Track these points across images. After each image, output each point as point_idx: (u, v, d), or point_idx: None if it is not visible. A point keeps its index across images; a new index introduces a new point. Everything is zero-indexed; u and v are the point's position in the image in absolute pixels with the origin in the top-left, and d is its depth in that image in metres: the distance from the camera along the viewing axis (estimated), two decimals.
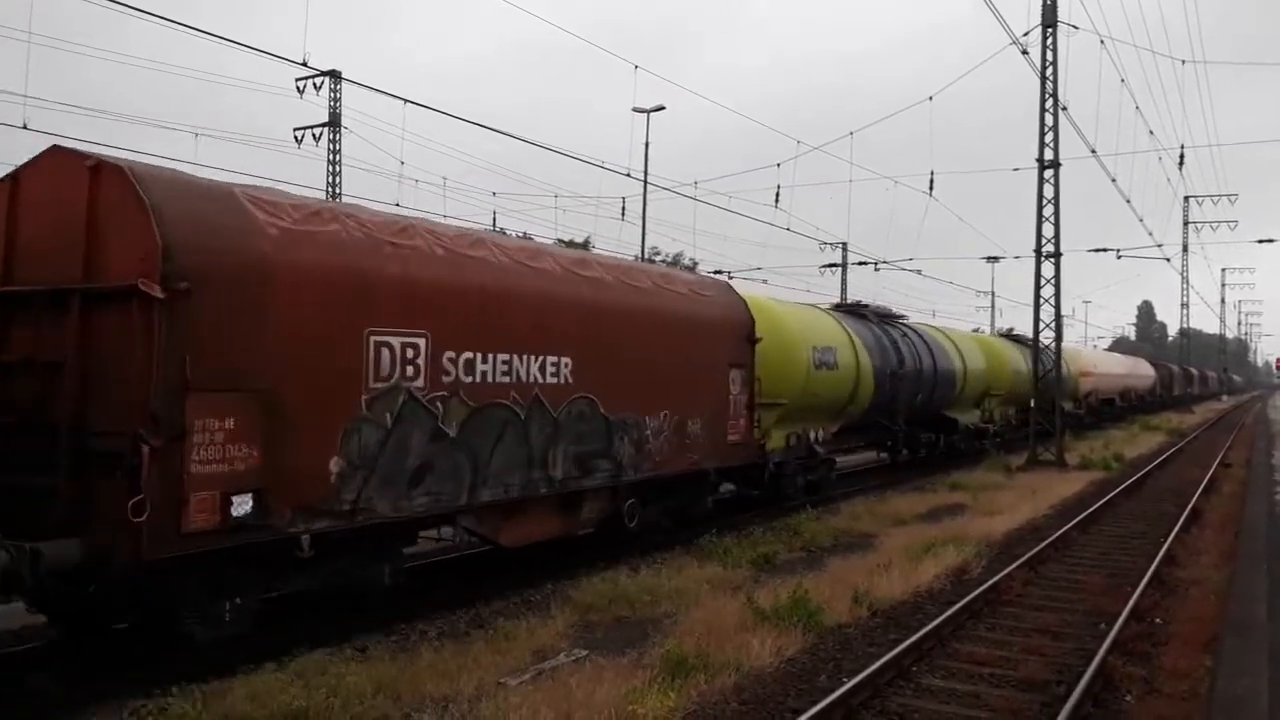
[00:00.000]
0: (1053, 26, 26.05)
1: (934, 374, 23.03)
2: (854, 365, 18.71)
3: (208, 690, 7.15)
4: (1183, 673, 8.12)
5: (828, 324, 18.99)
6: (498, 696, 7.10)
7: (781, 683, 7.75)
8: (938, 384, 23.34)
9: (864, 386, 19.17)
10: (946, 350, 24.68)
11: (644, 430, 12.22)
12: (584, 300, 11.34)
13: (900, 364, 20.94)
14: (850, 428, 20.08)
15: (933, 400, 23.44)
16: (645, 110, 34.89)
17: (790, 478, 17.06)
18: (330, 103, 33.36)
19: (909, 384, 21.60)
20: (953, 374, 24.54)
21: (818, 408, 17.65)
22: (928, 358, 22.91)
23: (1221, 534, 15.16)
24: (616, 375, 11.61)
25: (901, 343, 21.77)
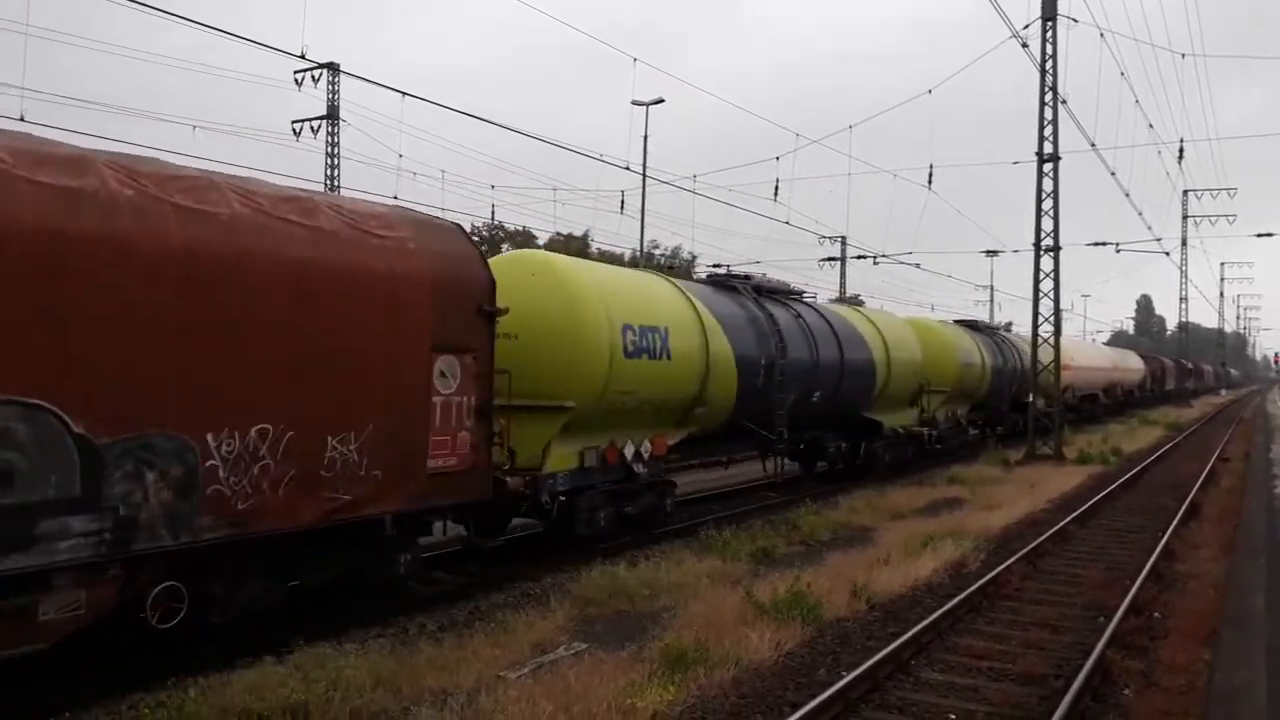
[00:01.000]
0: (1052, 20, 26.02)
1: (838, 365, 18.11)
2: (701, 352, 13.76)
3: (207, 684, 7.15)
4: (1181, 666, 8.13)
5: (658, 295, 13.77)
6: (497, 690, 7.10)
7: (780, 676, 7.76)
8: (845, 378, 18.37)
9: (720, 381, 14.23)
10: (861, 336, 19.76)
11: (197, 459, 7.29)
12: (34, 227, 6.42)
13: (783, 352, 15.90)
14: (711, 436, 15.38)
15: (839, 398, 18.55)
16: (644, 103, 34.83)
17: (588, 511, 12.20)
18: (328, 95, 33.32)
19: (799, 378, 16.59)
20: (868, 366, 19.65)
21: (636, 411, 12.76)
22: (830, 345, 17.95)
23: (1220, 528, 15.17)
24: (119, 360, 6.84)
25: (790, 326, 16.78)
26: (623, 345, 12.18)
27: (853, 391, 19.16)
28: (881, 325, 21.15)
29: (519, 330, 11.16)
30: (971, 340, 26.94)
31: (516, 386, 10.70)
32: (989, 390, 27.98)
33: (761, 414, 15.78)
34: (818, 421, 18.73)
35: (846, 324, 19.63)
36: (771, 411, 15.91)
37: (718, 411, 14.68)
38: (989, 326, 31.86)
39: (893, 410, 21.64)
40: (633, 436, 12.93)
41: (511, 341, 10.97)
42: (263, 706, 6.65)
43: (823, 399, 17.86)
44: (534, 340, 11.45)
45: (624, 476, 12.91)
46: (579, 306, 11.88)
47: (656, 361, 12.85)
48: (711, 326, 14.24)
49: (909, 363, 21.71)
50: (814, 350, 17.26)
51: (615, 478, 12.78)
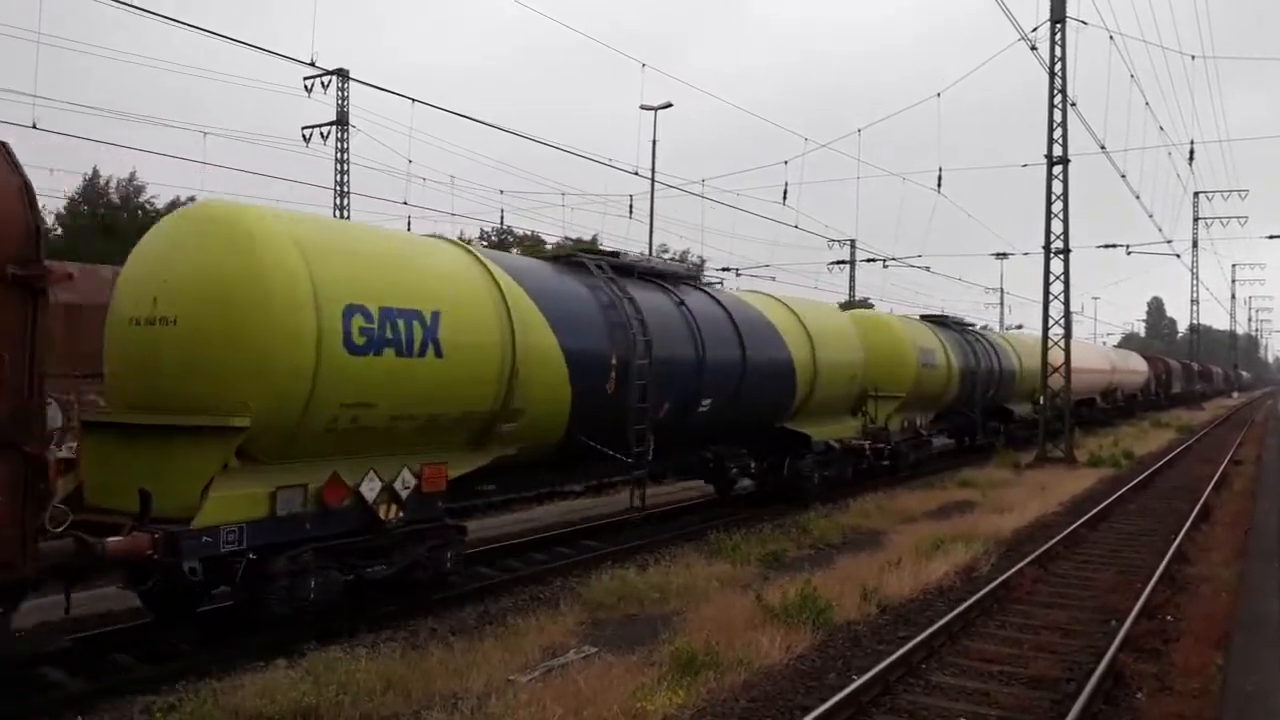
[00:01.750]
0: (1061, 22, 25.97)
1: (738, 366, 14.43)
2: (502, 347, 10.06)
3: (218, 686, 7.18)
4: (1194, 670, 8.09)
5: (429, 267, 9.85)
6: (507, 693, 7.10)
7: (791, 680, 7.74)
8: (749, 381, 14.64)
9: (540, 387, 10.57)
10: (774, 331, 15.96)
11: None
12: None
13: (647, 349, 12.16)
14: (541, 460, 11.78)
15: (742, 407, 14.71)
16: (653, 108, 34.89)
17: (290, 578, 8.34)
18: (338, 102, 33.45)
19: (675, 382, 12.95)
20: (784, 366, 15.91)
21: (386, 432, 9.09)
22: (725, 341, 14.25)
23: (1233, 531, 15.09)
24: None
25: (663, 315, 13.01)
26: (344, 334, 8.38)
27: (762, 398, 15.30)
28: (808, 318, 17.23)
29: (180, 311, 8.09)
30: (935, 338, 23.47)
31: (167, 394, 8.05)
32: (958, 395, 24.69)
33: (612, 429, 11.86)
34: (717, 435, 15.03)
35: (754, 315, 15.71)
36: (626, 426, 12.06)
37: (541, 428, 10.88)
38: (961, 323, 28.11)
39: (825, 420, 17.71)
40: (381, 466, 8.96)
41: (166, 329, 8.09)
42: (274, 710, 6.66)
43: (716, 408, 13.96)
44: (195, 325, 8.01)
45: (364, 525, 8.92)
46: (267, 275, 8.07)
47: (414, 359, 9.00)
48: (524, 313, 10.41)
49: (846, 364, 18.03)
50: (699, 347, 13.42)
51: (344, 528, 8.80)
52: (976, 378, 25.68)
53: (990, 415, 28.46)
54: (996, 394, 27.92)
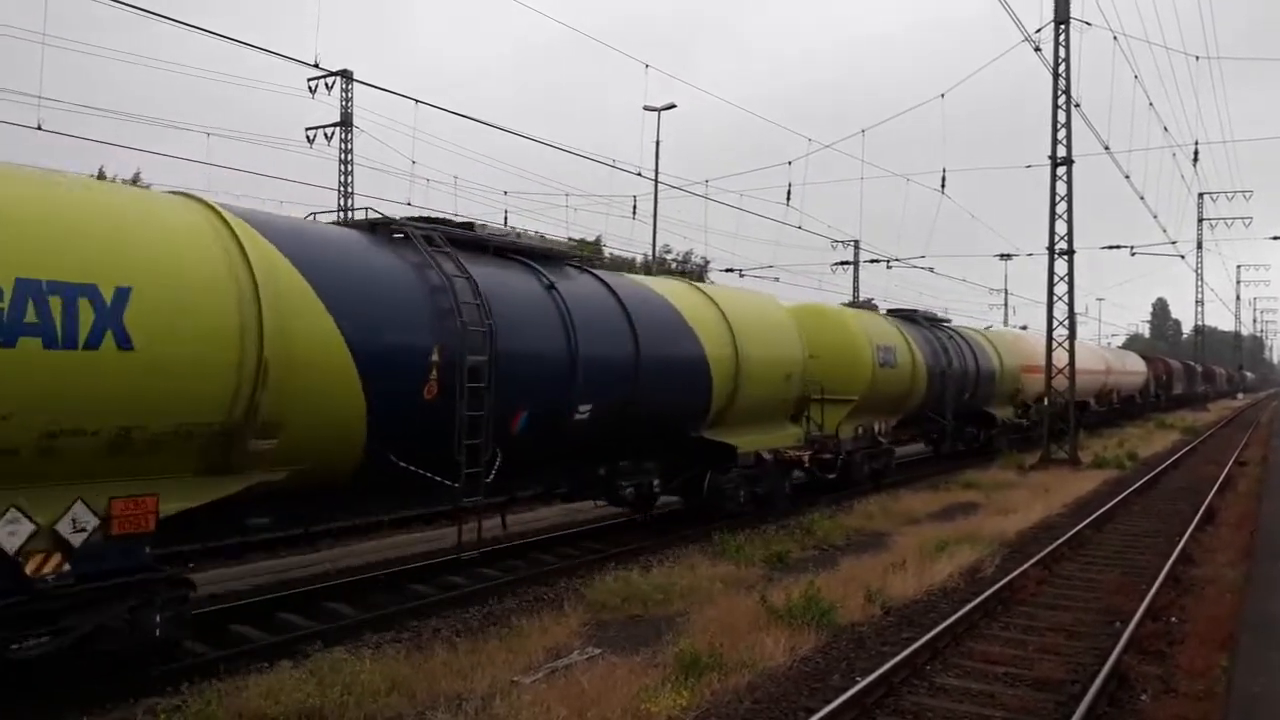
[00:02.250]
0: (1065, 23, 25.94)
1: (630, 363, 12.06)
2: (238, 334, 7.57)
3: (223, 687, 7.19)
4: (1199, 671, 8.07)
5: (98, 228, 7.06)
6: (511, 694, 7.11)
7: (795, 681, 7.74)
8: (645, 382, 12.18)
9: (313, 392, 8.11)
10: (681, 321, 13.49)
11: None
12: None
13: (488, 341, 9.77)
14: (331, 487, 9.11)
15: (641, 414, 12.32)
16: (656, 109, 34.88)
17: None
18: (342, 103, 33.51)
19: (535, 382, 10.60)
20: (694, 364, 13.41)
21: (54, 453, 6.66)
22: (613, 333, 11.94)
23: (1238, 532, 15.06)
24: None
25: (518, 300, 10.69)
26: None
27: (666, 403, 12.90)
28: (731, 307, 14.70)
29: None
30: (898, 334, 21.04)
31: None
32: (926, 398, 22.21)
33: (436, 447, 9.31)
34: (613, 448, 12.54)
35: (655, 304, 13.16)
36: (452, 440, 9.36)
37: (321, 447, 8.40)
38: (933, 318, 25.45)
39: (755, 428, 15.14)
40: (34, 501, 6.60)
41: None
42: (278, 711, 6.67)
43: (600, 416, 11.42)
44: None
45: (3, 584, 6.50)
46: None
47: (78, 352, 6.58)
48: (284, 291, 7.88)
49: (780, 361, 15.53)
50: (572, 340, 10.95)
51: None
52: (948, 379, 23.22)
53: (968, 420, 26.37)
54: (973, 397, 25.58)
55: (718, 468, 14.42)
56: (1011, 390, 28.72)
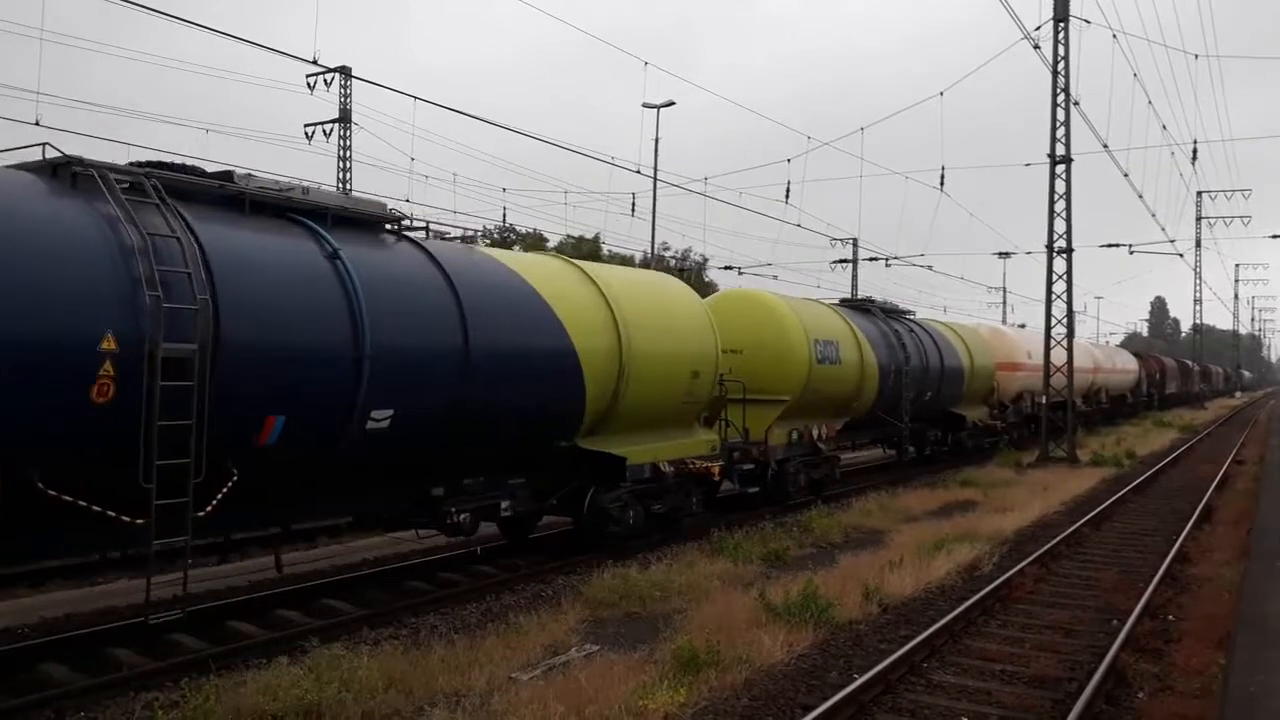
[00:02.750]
0: (1064, 21, 25.94)
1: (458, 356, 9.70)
2: None
3: (220, 684, 7.19)
4: (1196, 669, 8.09)
5: None
6: (509, 691, 7.11)
7: (792, 679, 7.74)
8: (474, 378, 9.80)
9: None
10: (525, 304, 10.90)
11: None
12: None
13: (210, 327, 7.46)
14: None
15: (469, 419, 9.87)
16: (655, 106, 34.86)
17: None
18: (341, 99, 33.48)
19: (290, 383, 8.18)
20: (552, 357, 10.99)
21: None
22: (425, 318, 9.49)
23: (1235, 531, 15.08)
24: None
25: (242, 275, 7.89)
26: None
27: (517, 407, 10.45)
28: (616, 288, 12.26)
29: None
30: (844, 327, 18.63)
31: None
32: (878, 399, 19.78)
33: (115, 470, 7.03)
34: (443, 464, 10.20)
35: (500, 282, 10.76)
36: (145, 463, 7.03)
37: None
38: (892, 310, 22.88)
39: (651, 435, 12.79)
40: None
41: None
42: (276, 707, 6.67)
43: (413, 422, 9.15)
44: None
45: None
46: None
47: None
48: None
49: (684, 355, 13.16)
50: (360, 325, 8.57)
51: None
52: (905, 377, 20.80)
53: (935, 422, 24.11)
54: (938, 397, 23.09)
55: (603, 483, 12.05)
56: (984, 390, 26.73)
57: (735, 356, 15.46)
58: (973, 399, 26.17)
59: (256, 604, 9.80)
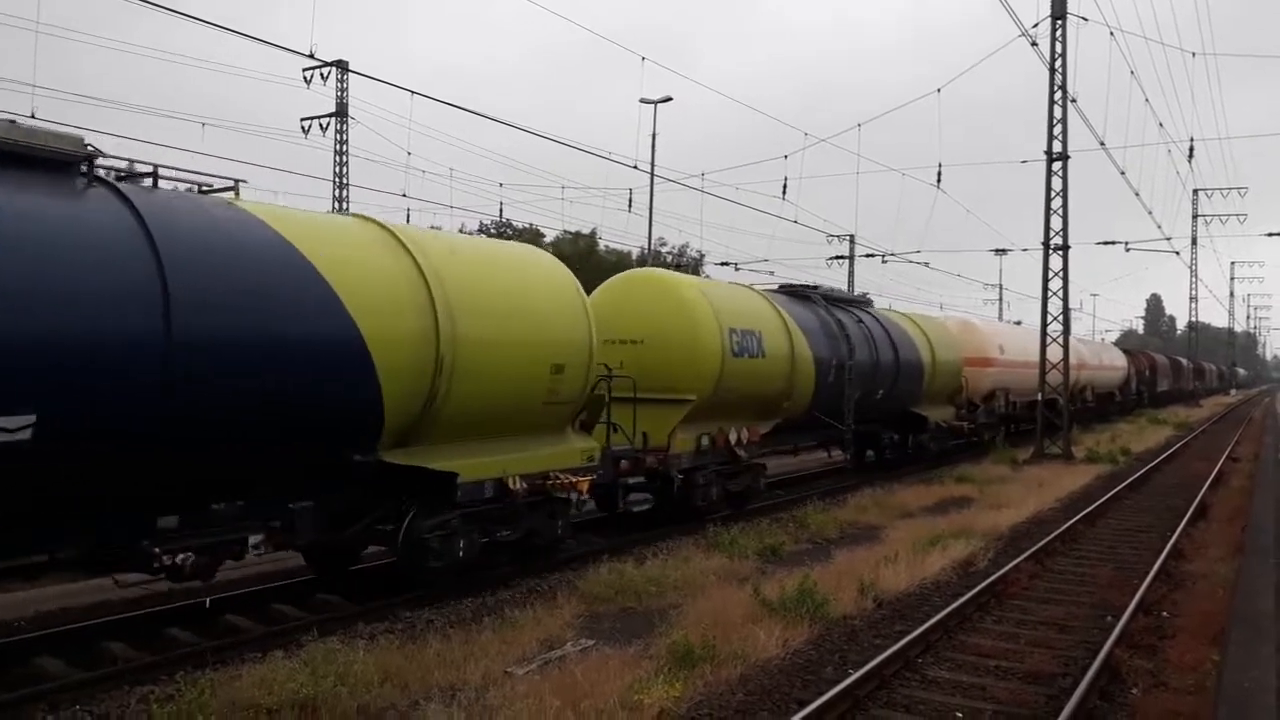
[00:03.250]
0: (1062, 18, 25.95)
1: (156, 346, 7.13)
2: None
3: (216, 677, 7.19)
4: (1189, 666, 8.11)
5: None
6: (505, 685, 7.12)
7: (787, 674, 7.75)
8: (175, 364, 7.20)
9: None
10: (289, 277, 8.28)
11: None
12: None
13: None
14: None
15: (182, 420, 7.35)
16: (653, 101, 34.83)
17: None
18: (337, 93, 33.42)
19: None
20: (334, 346, 8.53)
21: None
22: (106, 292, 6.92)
23: (1229, 528, 15.12)
24: None
25: None
26: None
27: (254, 411, 7.92)
28: (436, 260, 9.69)
29: None
30: (774, 315, 16.26)
31: None
32: (815, 398, 17.16)
33: None
34: (153, 487, 7.68)
35: (235, 240, 8.07)
36: None
37: None
38: (839, 297, 20.29)
39: (499, 444, 10.41)
40: None
41: None
42: (271, 700, 6.67)
43: (62, 434, 6.65)
44: None
45: None
46: None
47: None
48: None
49: (542, 343, 10.76)
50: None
51: None
52: (849, 373, 18.02)
53: (892, 424, 21.60)
54: (892, 395, 20.39)
55: (427, 506, 9.63)
56: (950, 388, 24.27)
57: (634, 348, 13.63)
58: (936, 398, 23.42)
59: (251, 598, 9.79)
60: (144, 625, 8.76)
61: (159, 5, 14.25)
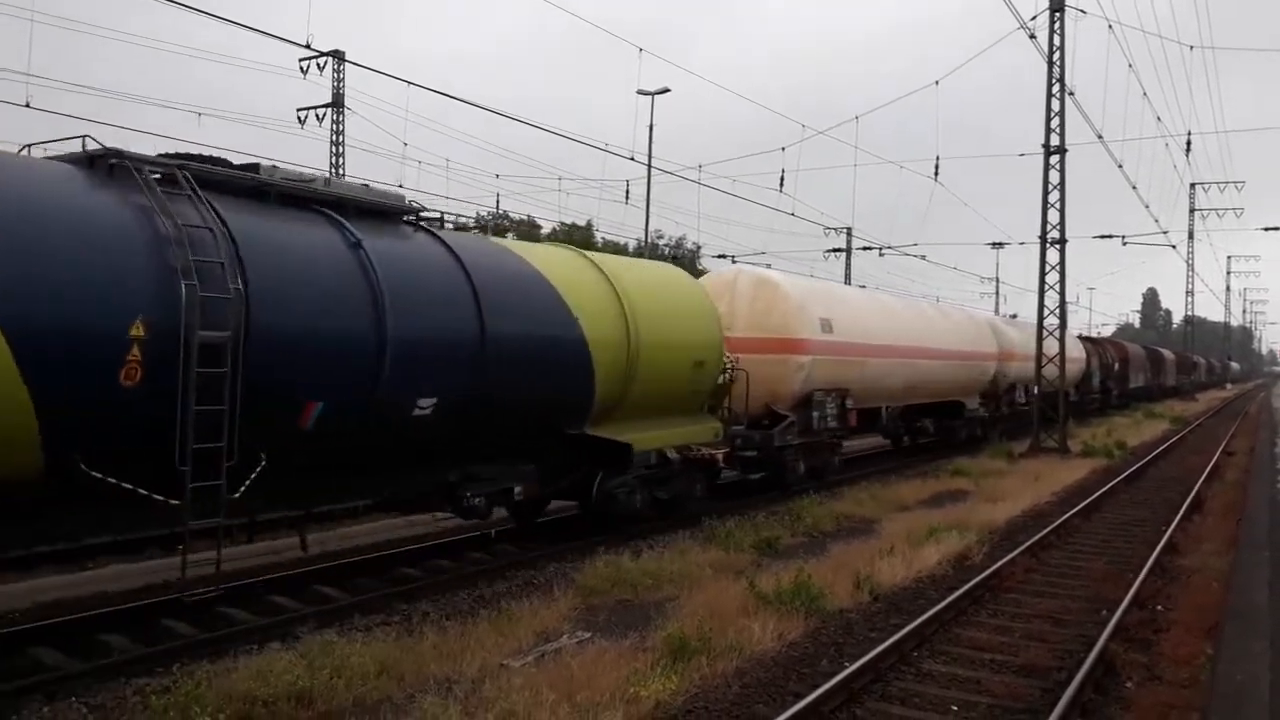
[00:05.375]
0: (1060, 11, 25.91)
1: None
2: None
3: (212, 669, 7.19)
4: (1184, 659, 8.14)
5: None
6: (501, 678, 7.13)
7: (783, 667, 7.77)
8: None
9: None
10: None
11: None
12: None
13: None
14: None
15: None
16: (649, 92, 34.78)
17: None
18: (334, 83, 33.33)
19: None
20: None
21: None
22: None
23: (1224, 521, 15.16)
24: None
25: None
26: None
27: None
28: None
29: None
30: None
31: None
32: None
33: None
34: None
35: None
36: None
37: None
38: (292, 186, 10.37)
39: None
40: None
41: None
42: (267, 693, 6.68)
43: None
44: None
45: None
46: None
47: None
48: None
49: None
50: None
51: None
52: None
53: None
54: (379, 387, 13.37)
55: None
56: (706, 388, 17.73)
57: None
58: None
59: (247, 590, 9.78)
60: (141, 617, 8.75)
61: None
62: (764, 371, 16.01)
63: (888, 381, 20.08)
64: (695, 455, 13.76)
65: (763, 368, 15.97)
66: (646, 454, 12.75)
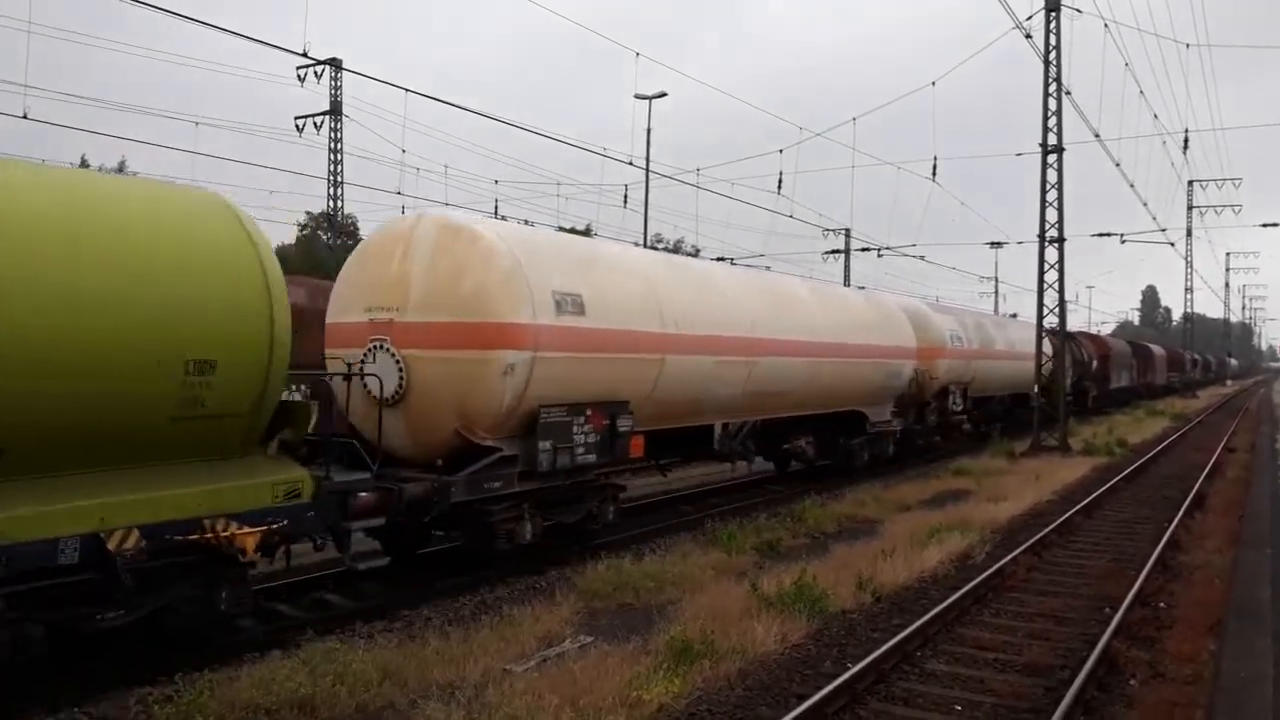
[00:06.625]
0: (1056, 10, 25.92)
1: None
2: None
3: (215, 678, 7.18)
4: (1187, 657, 8.13)
5: None
6: (504, 683, 7.12)
7: (786, 668, 7.77)
8: None
9: None
10: None
11: None
12: None
13: None
14: None
15: None
16: (647, 96, 34.81)
17: None
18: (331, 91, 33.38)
19: None
20: None
21: None
22: None
23: (1226, 518, 15.15)
24: None
25: None
26: None
27: None
28: None
29: None
30: None
31: None
32: None
33: None
34: None
35: None
36: None
37: None
38: None
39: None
40: None
41: None
42: (270, 700, 6.67)
43: None
44: None
45: None
46: None
47: None
48: None
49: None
50: None
51: None
52: None
53: None
54: None
55: None
56: None
57: None
58: None
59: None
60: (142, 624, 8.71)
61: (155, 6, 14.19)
62: (448, 375, 9.98)
63: (712, 387, 13.51)
64: (211, 539, 7.29)
65: (447, 369, 9.97)
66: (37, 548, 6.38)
